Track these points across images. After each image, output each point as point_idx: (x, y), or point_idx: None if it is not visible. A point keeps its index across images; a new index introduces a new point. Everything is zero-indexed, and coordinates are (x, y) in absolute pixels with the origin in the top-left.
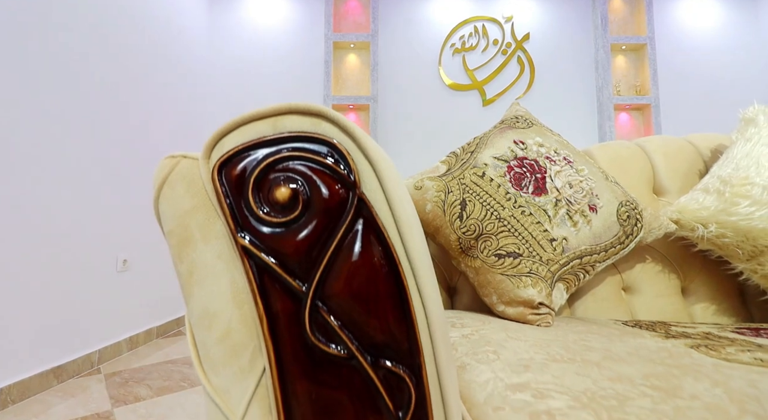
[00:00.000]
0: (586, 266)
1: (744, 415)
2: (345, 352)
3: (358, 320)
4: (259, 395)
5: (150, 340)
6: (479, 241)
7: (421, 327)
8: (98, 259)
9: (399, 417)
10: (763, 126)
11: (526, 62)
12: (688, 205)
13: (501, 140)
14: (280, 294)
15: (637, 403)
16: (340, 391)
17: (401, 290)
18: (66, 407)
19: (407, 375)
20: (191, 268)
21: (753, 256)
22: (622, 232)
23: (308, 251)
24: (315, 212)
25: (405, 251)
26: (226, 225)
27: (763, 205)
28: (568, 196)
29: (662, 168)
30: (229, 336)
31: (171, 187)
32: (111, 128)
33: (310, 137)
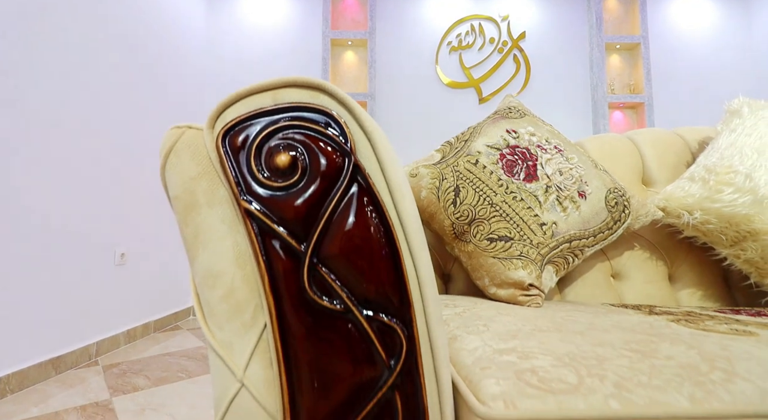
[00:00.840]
0: (575, 250)
1: (713, 371)
2: (341, 306)
3: (353, 277)
4: (261, 349)
5: (147, 334)
6: (472, 226)
7: (412, 283)
8: (96, 252)
9: (391, 365)
10: (746, 117)
11: (522, 61)
12: (674, 193)
13: (494, 129)
14: (280, 253)
15: (615, 363)
16: (336, 342)
17: (393, 249)
18: (65, 396)
19: (399, 327)
20: (196, 231)
21: (736, 241)
22: (611, 218)
23: (307, 213)
24: (313, 177)
25: (397, 213)
26: (230, 190)
27: (746, 192)
28: (558, 183)
29: (651, 159)
30: (232, 294)
31: (177, 156)
32: (109, 123)
33: (309, 108)
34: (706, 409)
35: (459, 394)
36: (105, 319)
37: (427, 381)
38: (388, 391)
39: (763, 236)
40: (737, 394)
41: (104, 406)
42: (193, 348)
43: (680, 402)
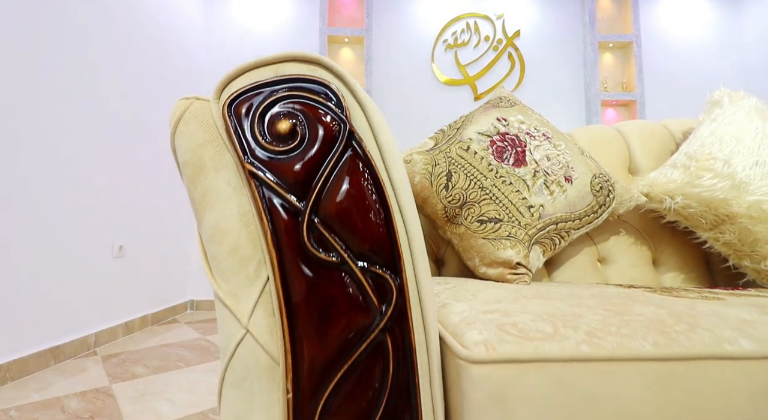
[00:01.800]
0: (562, 232)
1: (678, 324)
2: (338, 258)
3: (348, 232)
4: (264, 300)
5: (145, 327)
6: (463, 209)
7: (402, 238)
8: (94, 243)
9: (382, 311)
10: (727, 107)
11: (516, 58)
12: (657, 179)
13: (485, 118)
14: (282, 211)
15: (589, 318)
16: (333, 291)
17: (385, 208)
18: (65, 384)
19: (390, 277)
20: (204, 192)
21: (715, 225)
22: (596, 202)
23: (306, 175)
24: (312, 142)
25: (388, 176)
26: (235, 154)
27: (724, 177)
28: (546, 168)
29: (637, 149)
30: (237, 250)
31: (186, 124)
32: (107, 120)
33: (308, 79)
34: (667, 353)
35: (445, 345)
36: (103, 311)
37: (415, 325)
38: (380, 333)
39: (740, 219)
40: (696, 341)
41: (104, 392)
42: (191, 339)
43: (644, 347)
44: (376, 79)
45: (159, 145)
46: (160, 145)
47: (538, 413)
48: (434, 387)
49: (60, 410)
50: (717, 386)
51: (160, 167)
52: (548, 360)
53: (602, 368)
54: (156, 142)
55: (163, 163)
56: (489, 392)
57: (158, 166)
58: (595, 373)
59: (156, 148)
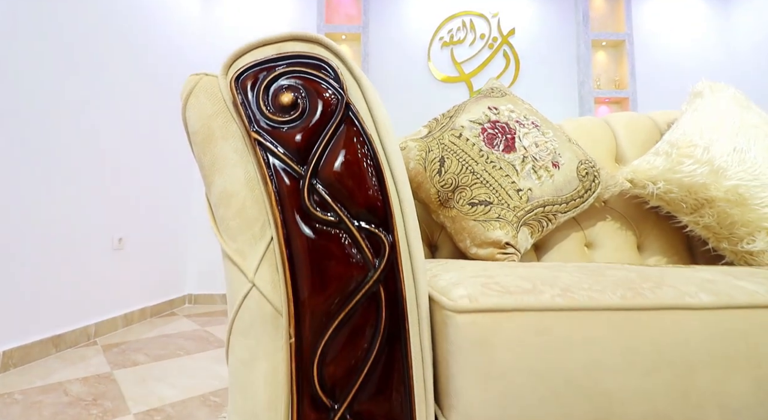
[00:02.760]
0: (549, 215)
1: (646, 282)
2: (336, 218)
3: (345, 194)
4: (268, 257)
5: (144, 319)
6: (455, 193)
7: (394, 200)
8: (94, 235)
9: (376, 265)
10: (707, 98)
11: (511, 56)
12: (640, 166)
13: (477, 107)
14: (284, 175)
15: (565, 279)
16: (331, 246)
17: (379, 173)
18: (67, 371)
19: (383, 234)
20: (213, 159)
21: (695, 209)
22: (582, 186)
23: (307, 142)
24: (312, 113)
25: (381, 144)
26: (241, 124)
27: (704, 163)
28: (534, 154)
29: (623, 139)
30: (244, 211)
31: (196, 97)
32: (106, 115)
33: (308, 56)
34: (633, 303)
35: (434, 301)
36: (103, 302)
37: (405, 277)
38: (374, 284)
39: (718, 203)
40: (660, 294)
41: (106, 377)
42: (190, 331)
43: (613, 299)
44: (373, 76)
45: (157, 142)
46: (159, 141)
47: (516, 356)
48: (423, 334)
49: (63, 393)
50: (677, 333)
51: (158, 164)
52: (526, 309)
53: (574, 317)
54: (155, 139)
55: (162, 160)
56: (472, 338)
57: (156, 162)
58: (568, 321)
59: (154, 145)
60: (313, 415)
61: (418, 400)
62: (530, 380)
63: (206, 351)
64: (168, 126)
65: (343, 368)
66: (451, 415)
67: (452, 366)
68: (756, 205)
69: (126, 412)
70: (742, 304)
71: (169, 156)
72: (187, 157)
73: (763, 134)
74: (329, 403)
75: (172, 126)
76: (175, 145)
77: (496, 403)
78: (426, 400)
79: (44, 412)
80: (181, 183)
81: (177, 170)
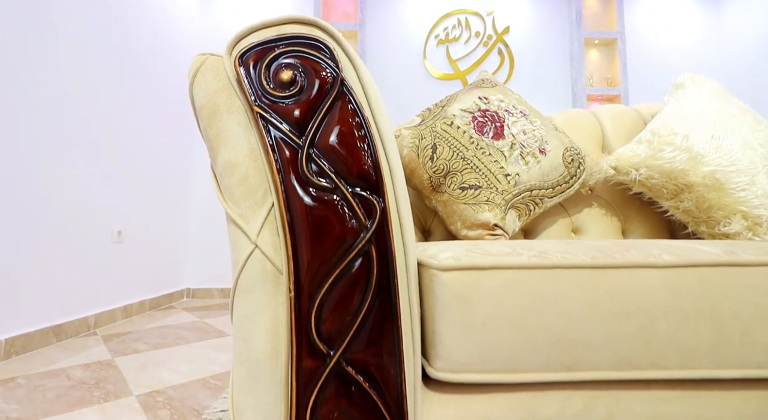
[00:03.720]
0: (536, 199)
1: (617, 247)
2: (331, 184)
3: (340, 163)
4: (269, 222)
5: (143, 311)
6: (447, 178)
7: (384, 168)
8: (94, 227)
9: (368, 226)
10: (689, 89)
11: (506, 54)
12: (623, 154)
13: (468, 96)
14: (284, 146)
15: (543, 245)
16: (327, 210)
17: (371, 144)
18: (68, 359)
19: (374, 198)
20: (218, 132)
21: (675, 194)
22: (567, 172)
23: (304, 115)
24: (309, 88)
25: (373, 118)
26: (245, 99)
27: (683, 150)
28: (522, 141)
29: (610, 130)
30: (247, 180)
31: (202, 75)
32: (106, 111)
33: (306, 37)
34: (601, 262)
35: (422, 265)
36: (102, 293)
37: (395, 238)
38: (366, 244)
39: (696, 188)
40: (627, 256)
41: (107, 364)
42: (189, 322)
43: (583, 259)
44: (369, 72)
45: (156, 140)
46: (158, 139)
47: (494, 308)
48: (411, 291)
49: (66, 378)
50: (640, 289)
51: (157, 160)
52: (503, 267)
53: (547, 274)
54: (154, 137)
55: (160, 157)
56: (455, 293)
57: (154, 158)
58: (542, 278)
59: (153, 143)
60: (310, 361)
61: (407, 350)
62: (506, 329)
63: (206, 340)
64: (167, 123)
65: (338, 320)
66: (436, 363)
67: (437, 319)
68: (732, 189)
69: (128, 394)
70: (700, 263)
71: (168, 155)
72: (186, 155)
73: (740, 123)
74: (325, 351)
75: (171, 123)
76: (173, 144)
77: (476, 350)
78: (414, 350)
79: (48, 395)
80: (179, 180)
81: (176, 168)
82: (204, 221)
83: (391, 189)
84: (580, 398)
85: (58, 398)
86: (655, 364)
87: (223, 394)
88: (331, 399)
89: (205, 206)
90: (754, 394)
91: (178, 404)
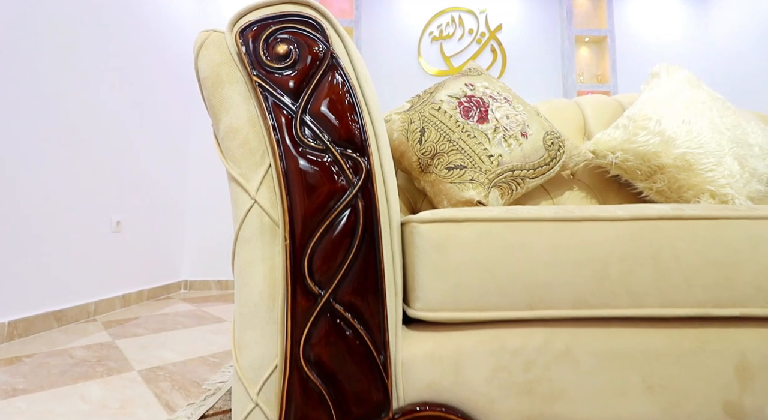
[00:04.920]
0: (518, 179)
1: (578, 208)
2: (322, 145)
3: (330, 127)
4: (267, 180)
5: (141, 301)
6: (434, 159)
7: (369, 132)
8: (94, 216)
9: (355, 182)
10: (663, 78)
11: (498, 51)
12: (601, 138)
13: (455, 83)
14: (280, 112)
15: (515, 207)
16: (319, 168)
17: (357, 110)
18: (70, 342)
19: (361, 159)
20: (221, 100)
21: (649, 175)
22: (548, 155)
23: (298, 84)
24: (303, 61)
25: (360, 89)
26: (245, 70)
27: (656, 134)
28: (505, 125)
29: (591, 117)
30: (247, 143)
31: (206, 49)
32: (106, 107)
33: (300, 15)
34: (561, 216)
35: (406, 224)
36: (102, 282)
37: (378, 194)
38: (353, 198)
39: (668, 169)
40: (586, 212)
41: (108, 344)
42: (187, 311)
43: (547, 215)
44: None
45: (155, 137)
46: (158, 136)
47: (467, 255)
48: (393, 239)
49: (68, 357)
50: (595, 238)
51: (156, 153)
52: (475, 220)
53: (514, 226)
54: (153, 135)
55: (159, 150)
56: (432, 242)
57: (154, 152)
58: (509, 229)
59: (152, 140)
60: (304, 300)
61: (389, 292)
62: (477, 274)
63: (204, 325)
64: (163, 112)
65: (328, 264)
66: (416, 304)
67: (417, 265)
68: (700, 169)
69: (130, 369)
70: (649, 217)
71: (165, 153)
72: (183, 149)
73: (709, 109)
74: (317, 291)
75: (170, 121)
76: (170, 136)
77: (450, 291)
78: (396, 292)
79: (52, 371)
80: (177, 174)
81: (175, 161)
82: (200, 213)
83: (375, 151)
84: (541, 333)
85: (62, 373)
86: (608, 303)
87: (221, 369)
88: (323, 332)
89: (203, 198)
90: (694, 331)
91: (179, 377)
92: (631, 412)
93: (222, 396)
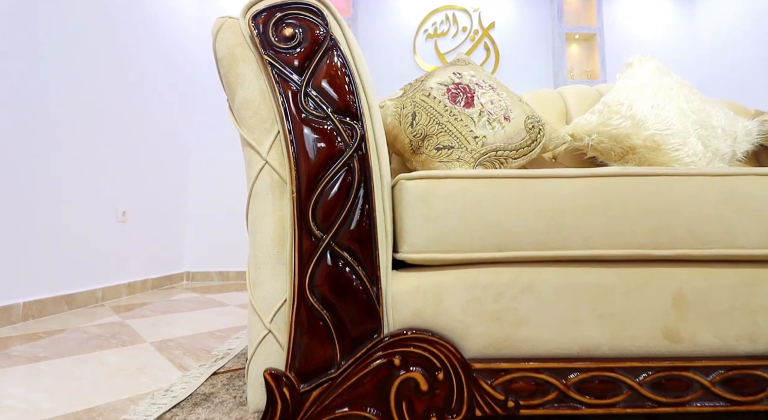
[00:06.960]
0: (501, 158)
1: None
2: (323, 114)
3: (329, 98)
4: (276, 144)
5: (146, 290)
6: (425, 141)
7: (363, 103)
8: (101, 207)
9: (351, 144)
10: (636, 67)
11: (491, 48)
12: (579, 123)
13: (444, 72)
14: (286, 85)
15: (492, 169)
16: (320, 133)
17: (353, 84)
18: (82, 323)
19: (356, 125)
20: (236, 76)
21: (621, 155)
22: (529, 137)
23: (302, 62)
24: (306, 42)
25: (356, 66)
26: (255, 50)
27: (628, 117)
28: (489, 109)
29: (572, 105)
30: (258, 113)
31: (223, 32)
32: (109, 104)
33: (305, 3)
34: (526, 174)
35: (397, 185)
36: (108, 269)
37: (371, 155)
38: (350, 158)
39: (639, 149)
40: (551, 172)
41: (119, 323)
42: (191, 297)
43: (515, 172)
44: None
45: (155, 136)
46: (157, 135)
47: (446, 206)
48: (384, 193)
49: (83, 333)
50: (554, 191)
51: (160, 152)
52: (455, 177)
53: (486, 182)
54: (152, 133)
55: (163, 144)
56: (417, 195)
57: (157, 146)
58: (483, 184)
59: (151, 139)
60: (308, 243)
61: (380, 238)
62: (455, 221)
63: (209, 308)
64: (169, 117)
65: (329, 213)
66: (403, 248)
67: (404, 216)
68: (668, 149)
69: (142, 341)
70: (600, 174)
71: (164, 150)
72: (185, 144)
73: (677, 95)
74: (320, 235)
75: (173, 117)
76: (175, 139)
77: (432, 236)
78: (387, 238)
79: (70, 343)
80: (179, 168)
81: (178, 155)
82: (202, 206)
83: (369, 119)
84: (509, 271)
85: (80, 345)
86: (564, 246)
87: (228, 340)
88: (325, 269)
89: (205, 191)
90: (639, 269)
91: (189, 347)
92: (585, 335)
93: (231, 359)
